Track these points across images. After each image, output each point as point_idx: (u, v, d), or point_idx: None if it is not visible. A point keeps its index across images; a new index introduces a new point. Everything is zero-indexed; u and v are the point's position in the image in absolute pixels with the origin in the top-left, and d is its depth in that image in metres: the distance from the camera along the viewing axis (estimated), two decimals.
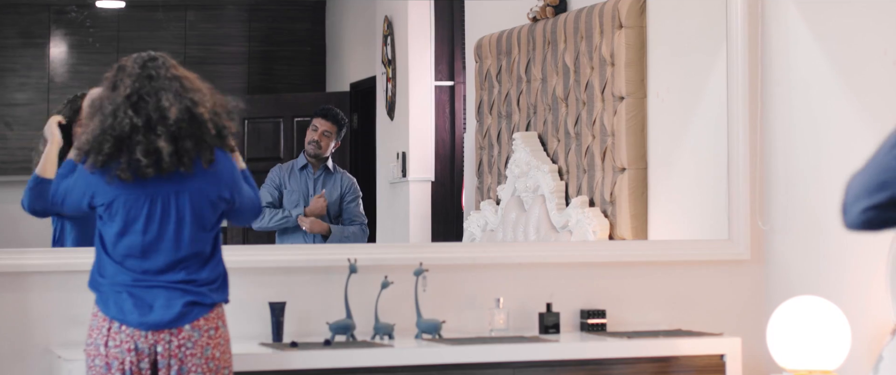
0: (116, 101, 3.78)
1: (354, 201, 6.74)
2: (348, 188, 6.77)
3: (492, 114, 7.11)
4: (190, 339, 3.76)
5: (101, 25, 9.02)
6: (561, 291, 5.12)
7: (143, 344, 3.76)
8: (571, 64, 6.34)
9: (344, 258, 4.79)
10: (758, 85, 5.33)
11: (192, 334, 3.76)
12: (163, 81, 3.79)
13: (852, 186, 2.32)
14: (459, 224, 7.60)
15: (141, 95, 3.77)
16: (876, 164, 2.31)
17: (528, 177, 6.54)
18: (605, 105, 6.06)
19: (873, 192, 2.29)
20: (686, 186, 5.72)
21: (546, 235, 6.29)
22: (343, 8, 9.41)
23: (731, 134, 5.36)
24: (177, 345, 3.75)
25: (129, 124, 3.72)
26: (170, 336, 3.76)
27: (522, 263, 5.14)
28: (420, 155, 8.04)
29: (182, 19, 9.22)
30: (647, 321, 5.20)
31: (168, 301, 3.79)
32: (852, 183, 2.32)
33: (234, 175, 3.90)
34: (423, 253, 5.05)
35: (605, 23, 6.06)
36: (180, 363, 3.74)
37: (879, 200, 2.28)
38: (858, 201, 2.30)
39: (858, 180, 2.32)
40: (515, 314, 5.05)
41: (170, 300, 3.79)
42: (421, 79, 8.07)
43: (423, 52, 8.07)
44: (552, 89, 6.50)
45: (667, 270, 5.28)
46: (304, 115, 7.07)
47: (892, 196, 2.29)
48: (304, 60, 9.50)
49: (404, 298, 4.87)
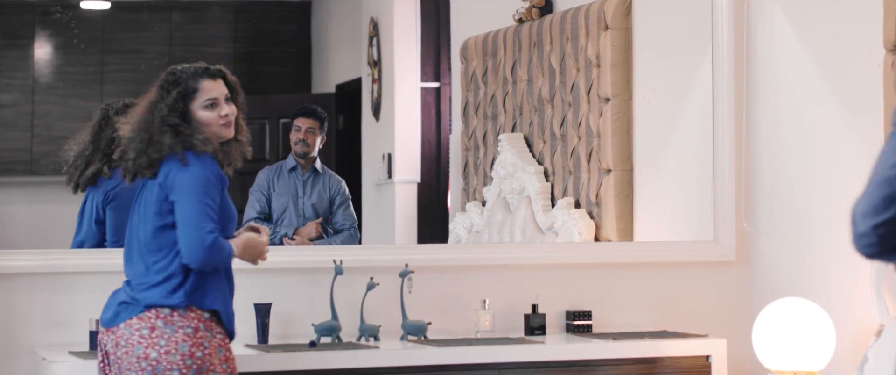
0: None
1: (344, 205, 6.73)
2: (337, 191, 6.76)
3: (478, 115, 7.11)
4: (122, 338, 3.77)
5: (86, 26, 8.99)
6: (546, 292, 5.12)
7: (103, 341, 3.87)
8: (557, 65, 6.34)
9: (329, 260, 4.78)
10: (743, 86, 5.33)
11: (125, 332, 3.77)
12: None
13: (857, 211, 2.24)
14: (445, 226, 7.59)
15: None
16: (877, 182, 2.25)
17: (514, 178, 6.54)
18: (590, 106, 6.06)
19: (880, 210, 2.22)
20: (672, 187, 5.72)
21: (532, 236, 6.29)
22: (329, 9, 9.41)
23: (717, 136, 5.37)
24: (114, 343, 3.78)
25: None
26: (111, 335, 3.81)
27: (508, 264, 5.14)
28: (406, 156, 8.04)
29: (167, 20, 9.21)
30: (632, 323, 5.20)
31: (112, 300, 3.89)
32: (857, 209, 2.25)
33: (182, 185, 3.81)
34: (408, 255, 5.05)
35: (590, 24, 6.07)
36: (118, 361, 3.76)
37: (888, 216, 2.21)
38: (866, 222, 2.24)
39: (862, 204, 2.25)
40: (501, 315, 5.05)
41: (114, 298, 3.89)
42: (407, 80, 8.06)
43: (408, 53, 8.07)
44: (538, 91, 6.51)
45: (652, 271, 5.29)
46: (290, 116, 7.07)
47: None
48: (289, 61, 9.48)
49: (390, 299, 4.86)
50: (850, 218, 2.24)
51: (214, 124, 3.81)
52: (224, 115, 3.84)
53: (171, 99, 3.81)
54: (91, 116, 5.31)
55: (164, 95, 3.83)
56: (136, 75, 9.00)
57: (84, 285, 4.70)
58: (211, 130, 3.82)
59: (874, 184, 2.24)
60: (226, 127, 3.84)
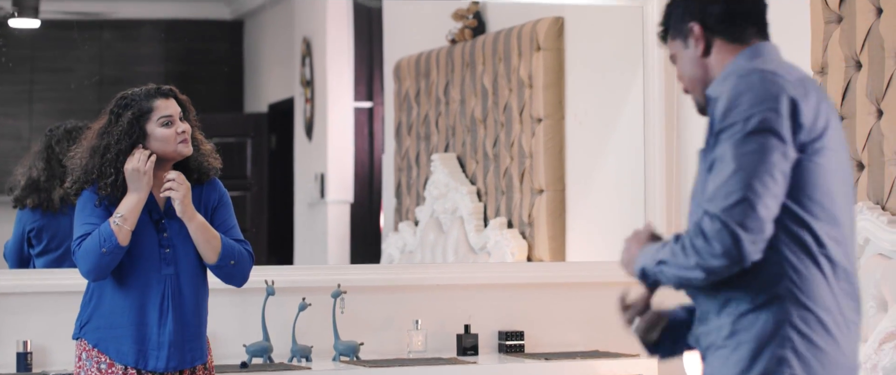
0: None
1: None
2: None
3: (411, 135, 7.11)
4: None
5: (15, 45, 8.89)
6: (479, 312, 5.12)
7: None
8: (490, 86, 6.36)
9: (261, 281, 4.75)
10: (674, 106, 5.37)
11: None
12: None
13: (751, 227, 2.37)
14: (378, 246, 7.58)
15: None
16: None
17: (447, 198, 6.54)
18: (523, 127, 6.08)
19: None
20: (604, 207, 5.75)
21: (464, 256, 6.29)
22: (261, 28, 9.37)
23: (648, 155, 5.40)
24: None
25: None
26: None
27: (440, 284, 5.14)
28: (339, 176, 8.02)
29: (97, 39, 9.13)
30: (565, 343, 5.21)
31: None
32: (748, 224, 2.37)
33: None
34: (341, 275, 5.03)
35: (523, 45, 6.09)
36: None
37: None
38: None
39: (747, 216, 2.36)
40: (433, 335, 5.04)
41: None
42: (339, 100, 8.05)
43: (341, 72, 8.06)
44: (471, 111, 6.52)
45: (585, 291, 5.30)
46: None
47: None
48: (221, 80, 9.43)
49: (322, 320, 4.84)
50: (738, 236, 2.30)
51: (172, 141, 3.77)
52: (181, 131, 3.81)
53: (126, 122, 3.76)
54: (20, 135, 5.24)
55: (114, 120, 3.78)
56: (66, 94, 8.91)
57: (11, 305, 4.64)
58: (169, 148, 3.77)
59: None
60: (184, 144, 3.80)
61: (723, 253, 2.31)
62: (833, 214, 2.39)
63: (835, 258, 2.39)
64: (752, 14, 2.53)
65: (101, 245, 3.63)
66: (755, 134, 2.32)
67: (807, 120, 2.36)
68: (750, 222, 2.30)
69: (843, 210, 2.42)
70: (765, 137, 2.32)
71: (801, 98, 2.37)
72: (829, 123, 2.41)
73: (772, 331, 2.35)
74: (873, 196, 4.30)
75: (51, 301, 4.70)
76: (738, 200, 2.31)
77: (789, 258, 2.36)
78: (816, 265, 2.37)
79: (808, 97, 2.39)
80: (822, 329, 2.36)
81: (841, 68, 4.45)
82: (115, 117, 3.78)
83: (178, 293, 3.75)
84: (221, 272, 3.82)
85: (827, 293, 2.37)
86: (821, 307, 2.36)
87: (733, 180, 2.32)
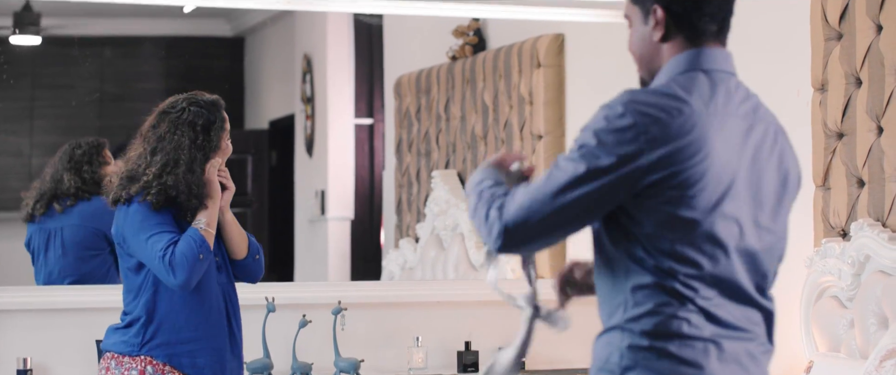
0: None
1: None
2: None
3: (411, 152, 7.11)
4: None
5: (16, 62, 8.91)
6: (480, 329, 5.12)
7: None
8: (490, 102, 6.37)
9: (262, 297, 4.76)
10: None
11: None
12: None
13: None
14: (378, 263, 7.58)
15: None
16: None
17: (447, 215, 6.54)
18: (523, 144, 6.09)
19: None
20: None
21: (465, 273, 6.29)
22: (262, 45, 9.39)
23: None
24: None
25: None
26: None
27: (441, 301, 5.14)
28: (339, 193, 8.02)
29: (99, 56, 9.15)
30: (565, 359, 5.21)
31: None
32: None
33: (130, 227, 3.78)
34: (341, 291, 5.03)
35: (523, 62, 6.10)
36: None
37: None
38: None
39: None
40: (434, 352, 5.04)
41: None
42: (340, 116, 8.06)
43: (342, 89, 8.07)
44: (471, 128, 6.52)
45: (585, 307, 5.29)
46: None
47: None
48: (222, 96, 9.44)
49: (322, 337, 4.84)
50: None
51: (228, 154, 3.81)
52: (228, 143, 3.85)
53: (203, 133, 3.76)
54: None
55: (187, 129, 3.76)
56: (67, 111, 8.92)
57: (11, 322, 4.64)
58: (224, 159, 3.79)
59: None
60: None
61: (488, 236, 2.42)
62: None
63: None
64: (717, 16, 2.52)
65: (199, 252, 3.58)
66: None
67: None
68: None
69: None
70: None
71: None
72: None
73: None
74: (874, 213, 4.30)
75: (51, 318, 4.70)
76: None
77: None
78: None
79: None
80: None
81: (841, 85, 4.46)
82: (188, 127, 3.77)
83: (232, 300, 3.74)
84: (246, 269, 3.78)
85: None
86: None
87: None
